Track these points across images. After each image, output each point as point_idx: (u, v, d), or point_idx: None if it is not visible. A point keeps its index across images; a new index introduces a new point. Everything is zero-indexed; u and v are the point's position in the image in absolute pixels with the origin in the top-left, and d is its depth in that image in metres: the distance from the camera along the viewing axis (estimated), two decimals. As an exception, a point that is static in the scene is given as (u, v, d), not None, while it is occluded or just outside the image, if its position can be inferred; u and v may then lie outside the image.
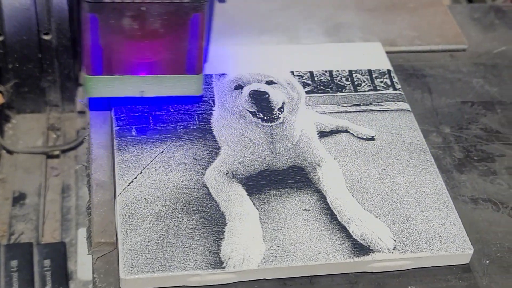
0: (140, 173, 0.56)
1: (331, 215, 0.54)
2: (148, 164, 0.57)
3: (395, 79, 0.67)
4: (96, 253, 0.52)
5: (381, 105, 0.65)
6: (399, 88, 0.66)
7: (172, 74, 0.59)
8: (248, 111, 0.62)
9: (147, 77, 0.58)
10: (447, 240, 0.54)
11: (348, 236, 0.53)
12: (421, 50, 0.74)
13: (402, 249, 0.53)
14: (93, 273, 0.51)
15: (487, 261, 0.55)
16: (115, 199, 0.55)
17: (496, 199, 0.60)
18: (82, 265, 0.64)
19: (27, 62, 0.71)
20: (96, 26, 0.55)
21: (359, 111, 0.64)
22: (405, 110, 0.64)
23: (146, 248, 0.51)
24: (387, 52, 0.73)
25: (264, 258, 0.51)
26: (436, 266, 0.54)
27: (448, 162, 0.63)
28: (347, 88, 0.66)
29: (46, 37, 0.70)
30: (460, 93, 0.70)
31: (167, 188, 0.55)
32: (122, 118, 0.60)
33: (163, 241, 0.51)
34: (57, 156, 0.73)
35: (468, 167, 0.62)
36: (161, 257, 0.50)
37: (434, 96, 0.69)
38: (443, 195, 0.57)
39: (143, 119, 0.60)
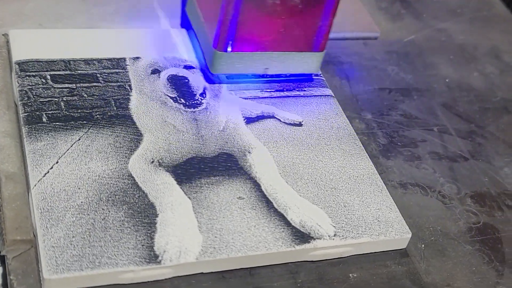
0: (56, 162, 0.50)
1: (267, 203, 0.51)
2: (64, 153, 0.51)
3: (315, 65, 0.65)
4: (11, 252, 0.46)
5: (305, 90, 0.63)
6: (320, 74, 0.65)
7: (299, 51, 0.58)
8: (169, 96, 0.58)
9: (273, 54, 0.57)
10: (386, 225, 0.52)
11: (287, 224, 0.50)
12: (335, 38, 0.73)
13: (343, 235, 0.50)
14: (9, 274, 0.45)
15: (423, 245, 0.54)
16: (28, 191, 0.49)
17: (423, 183, 0.59)
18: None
19: None
20: (240, 2, 0.53)
21: (283, 97, 0.61)
22: (328, 95, 0.63)
23: (71, 244, 0.45)
24: (302, 39, 0.71)
25: (202, 250, 0.47)
26: (375, 252, 0.52)
27: (373, 148, 0.62)
28: (268, 73, 0.63)
29: None
30: (377, 80, 0.69)
31: (88, 178, 0.50)
32: (29, 104, 0.54)
33: (90, 236, 0.46)
34: None
35: (393, 152, 0.62)
36: (89, 253, 0.45)
37: (353, 83, 0.68)
38: (376, 180, 0.56)
39: (53, 105, 0.55)
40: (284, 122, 0.59)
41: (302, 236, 0.50)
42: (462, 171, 0.61)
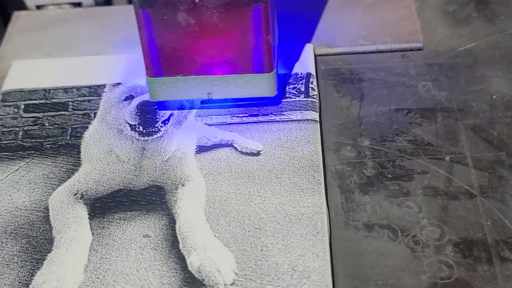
0: (-17, 193, 0.52)
1: (173, 243, 0.47)
2: (-5, 184, 0.52)
3: (313, 85, 0.59)
4: None
5: (283, 114, 0.56)
6: (313, 95, 0.58)
7: (240, 74, 0.54)
8: (128, 124, 0.56)
9: (213, 77, 0.54)
10: (300, 276, 0.45)
11: (183, 268, 0.46)
12: (365, 51, 0.64)
13: (242, 285, 0.44)
14: None
15: (358, 302, 0.45)
16: (-49, 221, 0.51)
17: (397, 225, 0.50)
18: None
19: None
20: (150, 23, 0.51)
21: (255, 122, 0.56)
22: (310, 120, 0.56)
23: (-47, 277, 0.46)
24: (324, 55, 0.64)
25: (76, 291, 0.45)
26: (291, 307, 0.45)
27: (353, 180, 0.53)
28: (251, 96, 0.58)
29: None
30: (398, 99, 0.60)
31: (5, 210, 0.50)
32: (-9, 134, 0.56)
33: (-25, 270, 0.47)
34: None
35: (376, 186, 0.53)
36: (-36, 288, 0.46)
37: (365, 104, 0.60)
38: (318, 220, 0.48)
39: (12, 135, 0.56)
40: (240, 151, 0.53)
41: (193, 283, 0.45)
42: (459, 212, 0.50)
